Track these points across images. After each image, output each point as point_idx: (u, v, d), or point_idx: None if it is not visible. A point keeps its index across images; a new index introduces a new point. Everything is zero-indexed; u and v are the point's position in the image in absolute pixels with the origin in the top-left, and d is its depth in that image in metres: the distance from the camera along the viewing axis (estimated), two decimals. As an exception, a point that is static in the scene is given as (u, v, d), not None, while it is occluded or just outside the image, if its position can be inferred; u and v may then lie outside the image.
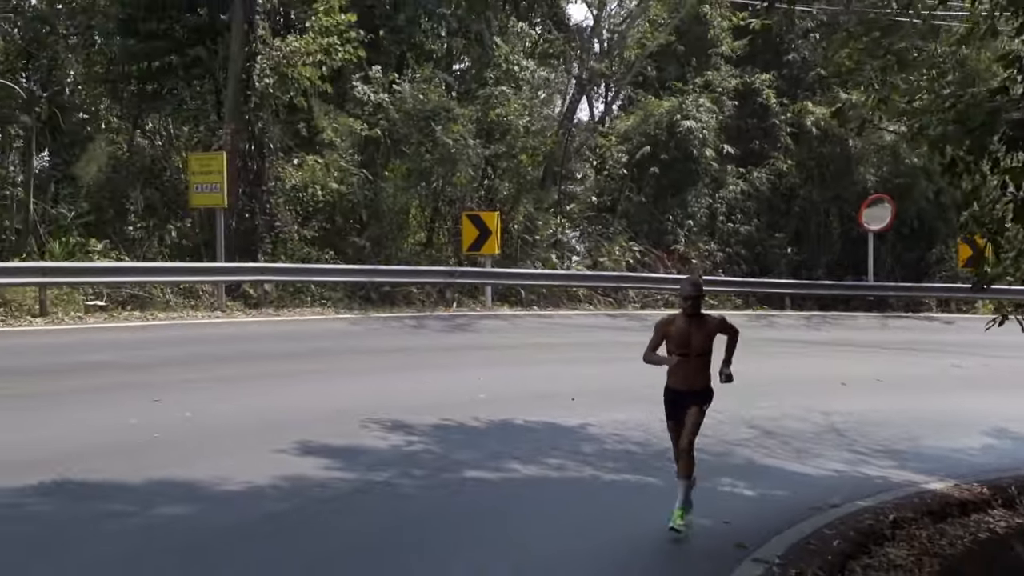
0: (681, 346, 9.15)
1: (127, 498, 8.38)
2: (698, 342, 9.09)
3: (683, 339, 9.12)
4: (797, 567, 8.28)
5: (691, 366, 9.12)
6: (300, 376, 14.85)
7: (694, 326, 9.13)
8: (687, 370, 9.15)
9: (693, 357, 9.09)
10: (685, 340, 9.11)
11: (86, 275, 21.20)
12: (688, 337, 9.10)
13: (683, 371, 9.18)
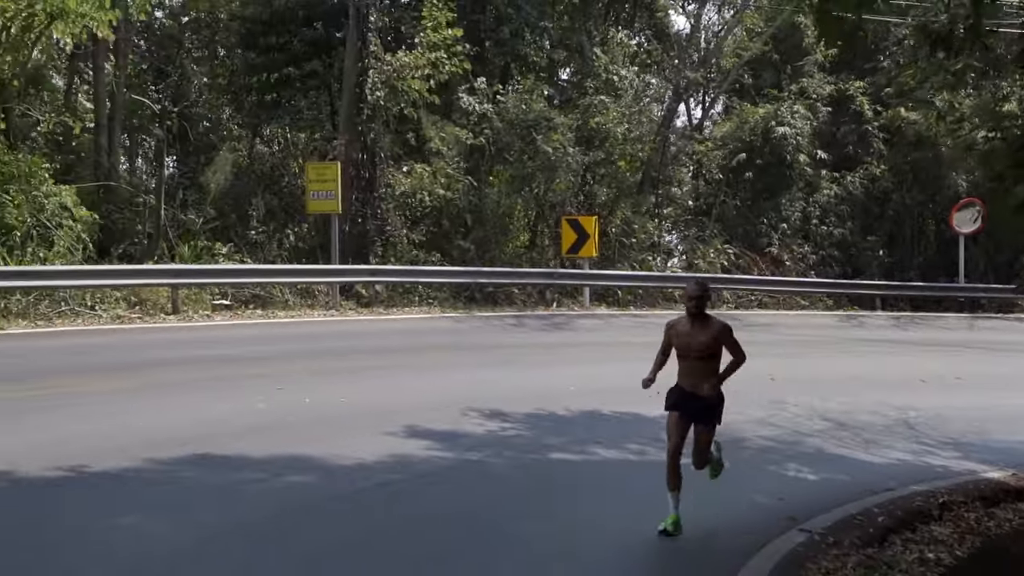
0: (683, 347, 9.17)
1: (259, 468, 9.70)
2: (699, 343, 9.08)
3: (685, 341, 9.17)
4: (837, 536, 9.11)
5: (694, 367, 9.13)
6: (407, 369, 16.11)
7: (697, 327, 9.14)
8: (690, 371, 9.16)
9: (693, 359, 9.10)
10: (687, 341, 9.15)
11: (213, 276, 22.88)
12: (689, 339, 9.13)
13: (688, 373, 9.20)
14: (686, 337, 9.12)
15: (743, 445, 12.34)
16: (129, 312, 20.92)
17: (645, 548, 8.60)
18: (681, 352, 9.14)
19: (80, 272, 21.00)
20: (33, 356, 15.96)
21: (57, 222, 22.76)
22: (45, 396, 12.42)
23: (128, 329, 19.36)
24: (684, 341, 9.12)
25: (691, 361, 9.08)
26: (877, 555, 8.95)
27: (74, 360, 15.52)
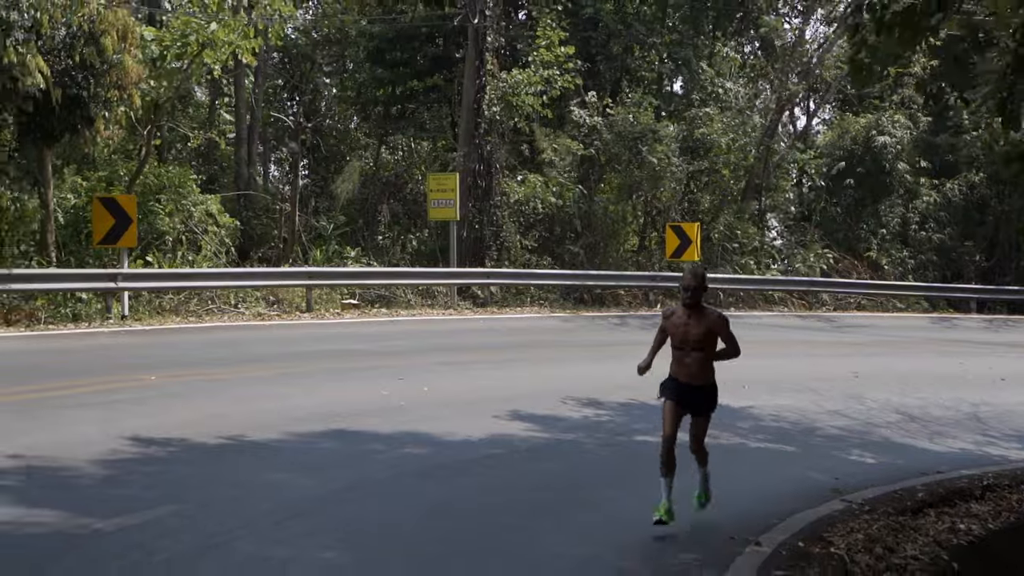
0: (678, 336, 9.09)
1: (382, 441, 11.38)
2: (694, 335, 9.01)
3: (680, 331, 9.08)
4: (873, 506, 10.21)
5: (689, 359, 9.08)
6: (515, 363, 17.66)
7: (692, 318, 9.03)
8: (685, 362, 9.10)
9: (690, 350, 9.05)
10: (682, 332, 9.06)
11: (342, 278, 24.84)
12: (685, 329, 9.05)
13: (682, 363, 9.14)
14: (682, 327, 9.06)
15: (815, 434, 13.56)
16: (268, 310, 23.00)
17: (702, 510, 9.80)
18: (676, 342, 9.10)
19: (225, 274, 23.16)
20: (187, 348, 17.98)
21: (203, 228, 24.98)
22: (203, 380, 14.35)
23: (267, 325, 21.40)
24: (680, 331, 9.07)
25: (686, 351, 9.05)
26: (907, 521, 9.74)
27: (222, 352, 17.47)
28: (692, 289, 8.98)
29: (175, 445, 10.43)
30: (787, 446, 12.93)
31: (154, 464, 9.71)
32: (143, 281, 21.20)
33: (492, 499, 9.57)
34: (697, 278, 9.09)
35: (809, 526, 9.29)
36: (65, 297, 20.57)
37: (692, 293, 8.97)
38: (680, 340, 9.02)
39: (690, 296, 8.96)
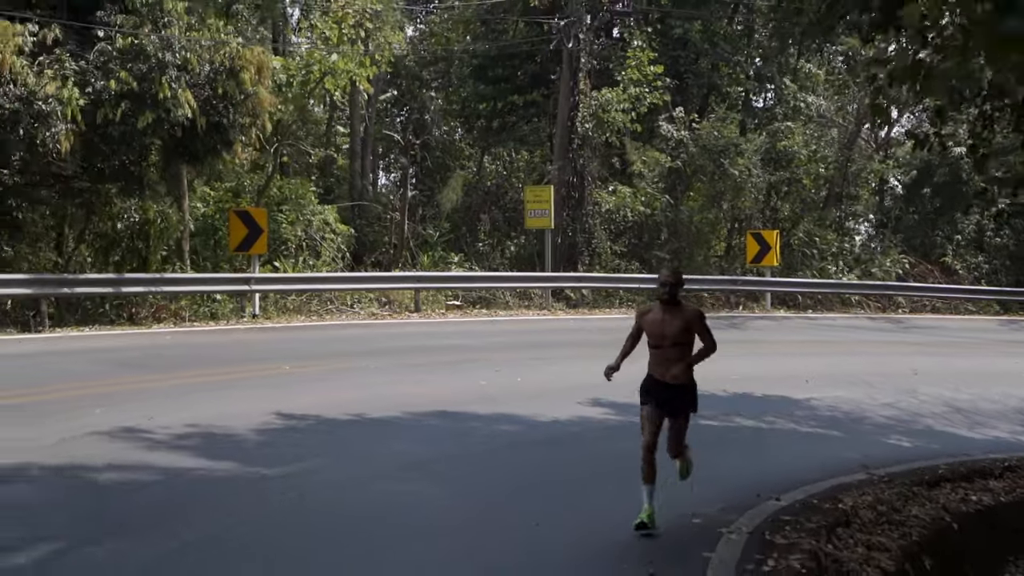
0: (655, 335, 9.04)
1: (480, 421, 13.41)
2: (672, 331, 8.95)
3: (657, 328, 9.02)
4: (892, 478, 11.48)
5: (666, 356, 9.05)
6: (601, 358, 19.48)
7: (669, 315, 8.98)
8: (662, 359, 9.07)
9: (667, 347, 9.00)
10: (659, 328, 9.00)
11: (447, 282, 27.06)
12: (662, 326, 8.99)
13: (660, 361, 9.11)
14: (659, 325, 9.01)
15: (863, 422, 15.13)
16: (380, 310, 25.35)
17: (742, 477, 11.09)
18: (653, 340, 9.08)
19: (342, 278, 25.56)
20: (311, 343, 20.31)
21: (322, 235, 27.44)
22: (328, 371, 16.64)
23: (380, 324, 23.70)
24: (657, 329, 9.02)
25: (664, 349, 9.03)
26: (921, 491, 10.86)
27: (341, 346, 19.74)
28: (670, 285, 8.98)
29: (311, 419, 12.64)
30: (834, 431, 14.23)
31: (296, 433, 11.93)
32: (272, 284, 23.68)
33: (570, 465, 11.55)
34: (675, 275, 9.11)
35: (828, 489, 10.59)
36: (203, 298, 23.12)
37: (670, 290, 8.96)
38: (658, 337, 9.04)
39: (667, 292, 8.97)
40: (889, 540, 9.23)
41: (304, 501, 9.21)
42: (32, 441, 10.62)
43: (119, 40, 19.19)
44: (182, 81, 19.17)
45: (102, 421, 11.62)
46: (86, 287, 20.57)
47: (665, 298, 8.99)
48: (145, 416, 11.88)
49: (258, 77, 20.35)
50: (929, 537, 9.67)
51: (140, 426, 11.45)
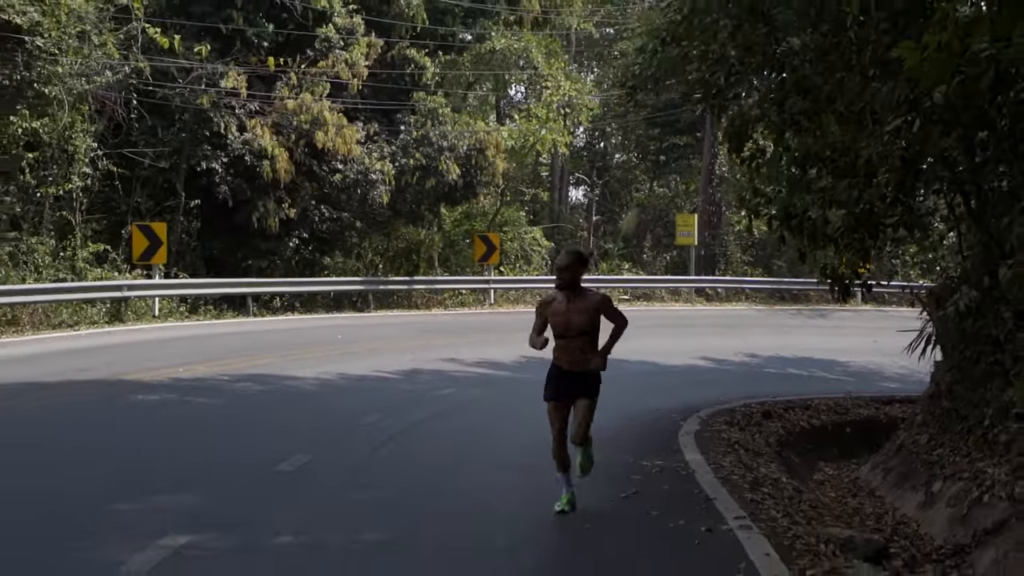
0: (561, 325, 8.41)
1: (631, 366, 23.51)
2: (577, 320, 8.34)
3: (561, 319, 8.39)
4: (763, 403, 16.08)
5: (573, 346, 8.43)
6: (718, 335, 29.15)
7: (571, 302, 8.34)
8: (570, 349, 8.45)
9: (574, 336, 8.38)
10: (563, 320, 8.38)
11: (620, 283, 37.33)
12: (566, 316, 8.37)
13: (565, 352, 8.50)
14: (563, 315, 8.39)
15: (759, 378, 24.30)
16: (573, 302, 35.82)
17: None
18: (559, 331, 8.45)
19: (544, 279, 36.12)
20: (507, 324, 30.84)
21: (531, 249, 38.13)
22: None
23: (571, 311, 34.06)
24: (561, 319, 8.40)
25: (570, 339, 8.40)
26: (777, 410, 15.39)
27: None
28: (563, 269, 8.40)
29: (512, 366, 23.01)
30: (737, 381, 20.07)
31: (535, 362, 22.33)
32: (502, 284, 34.48)
33: (625, 395, 16.42)
34: (571, 256, 8.46)
35: (724, 410, 15.05)
36: (455, 293, 34.02)
37: (570, 274, 8.37)
38: (563, 328, 8.43)
39: (568, 278, 8.37)
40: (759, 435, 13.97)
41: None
42: (398, 365, 19.90)
43: (413, 133, 30.37)
44: (451, 157, 30.18)
45: (425, 357, 21.23)
46: (392, 285, 31.79)
47: (565, 285, 8.39)
48: (450, 355, 21.28)
49: (495, 151, 31.17)
50: (777, 436, 14.12)
51: (450, 357, 21.57)
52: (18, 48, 20.48)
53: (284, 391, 15.59)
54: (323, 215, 29.80)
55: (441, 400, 15.42)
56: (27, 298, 21.62)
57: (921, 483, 10.80)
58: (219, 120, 26.81)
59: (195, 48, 25.94)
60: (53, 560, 7.28)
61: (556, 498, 8.93)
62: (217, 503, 8.84)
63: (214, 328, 24.43)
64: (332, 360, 18.82)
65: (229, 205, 27.35)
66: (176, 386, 15.46)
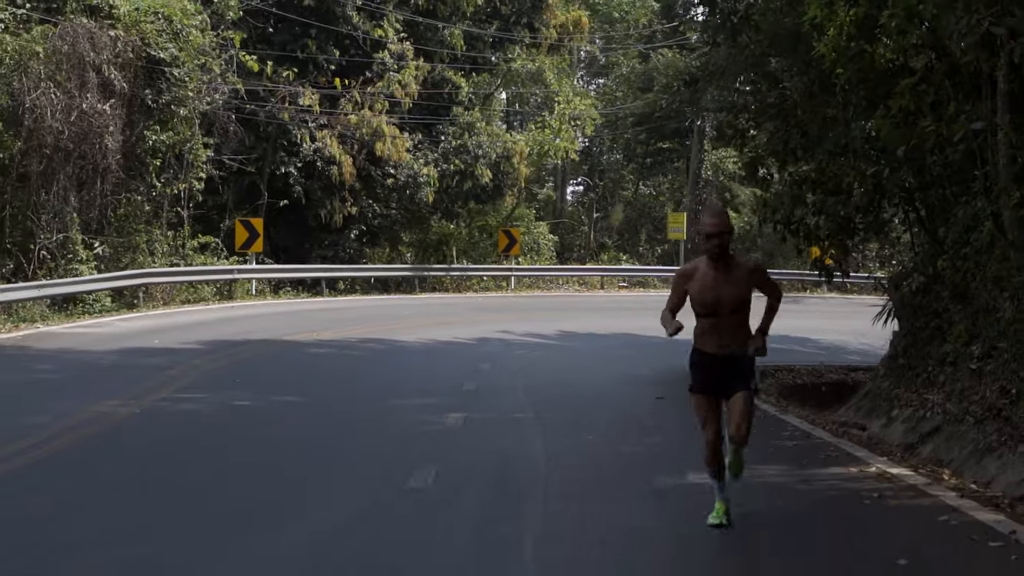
0: (709, 301, 6.83)
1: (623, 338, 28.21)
2: (729, 294, 6.78)
3: (710, 294, 6.82)
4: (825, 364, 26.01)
5: (723, 324, 6.88)
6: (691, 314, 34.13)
7: (722, 273, 6.78)
8: (719, 329, 6.91)
9: (726, 314, 6.85)
10: (713, 294, 6.81)
11: (616, 272, 42.02)
12: (715, 288, 6.79)
13: (714, 331, 6.94)
14: (711, 288, 6.83)
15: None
16: (579, 288, 40.57)
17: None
18: (706, 308, 6.90)
19: (552, 268, 40.83)
20: (545, 302, 35.33)
21: (539, 242, 42.77)
22: (558, 316, 31.42)
23: (580, 295, 38.79)
24: (710, 294, 6.84)
25: (721, 317, 6.85)
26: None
27: (562, 302, 34.68)
28: (718, 235, 6.78)
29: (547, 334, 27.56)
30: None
31: (538, 338, 26.88)
32: (522, 272, 39.10)
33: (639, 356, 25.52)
34: (722, 217, 6.96)
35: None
36: (480, 279, 38.56)
37: (718, 240, 6.79)
38: (712, 305, 6.85)
39: (716, 245, 6.80)
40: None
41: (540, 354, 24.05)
42: (469, 333, 24.06)
43: (453, 141, 34.94)
44: (484, 163, 34.78)
45: (485, 328, 25.55)
46: (434, 271, 36.33)
47: (715, 254, 6.82)
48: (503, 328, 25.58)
49: (520, 159, 35.78)
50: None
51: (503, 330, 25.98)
52: (161, 76, 24.79)
53: (404, 349, 19.98)
54: (375, 212, 34.29)
55: (521, 356, 19.73)
56: (169, 279, 26.33)
57: (884, 412, 15.25)
58: (296, 131, 31.24)
59: (283, 72, 30.38)
60: (394, 411, 12.38)
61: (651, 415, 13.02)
62: (455, 401, 13.20)
63: (303, 305, 28.90)
64: (419, 329, 23.11)
65: (303, 203, 31.80)
66: (328, 344, 19.88)
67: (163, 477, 8.79)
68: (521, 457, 9.70)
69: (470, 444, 10.44)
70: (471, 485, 8.52)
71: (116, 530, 7.14)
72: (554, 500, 7.98)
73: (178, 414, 11.94)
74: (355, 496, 8.19)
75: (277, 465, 9.28)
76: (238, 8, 28.48)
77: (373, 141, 31.86)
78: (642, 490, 8.62)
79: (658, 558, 6.85)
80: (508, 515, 7.54)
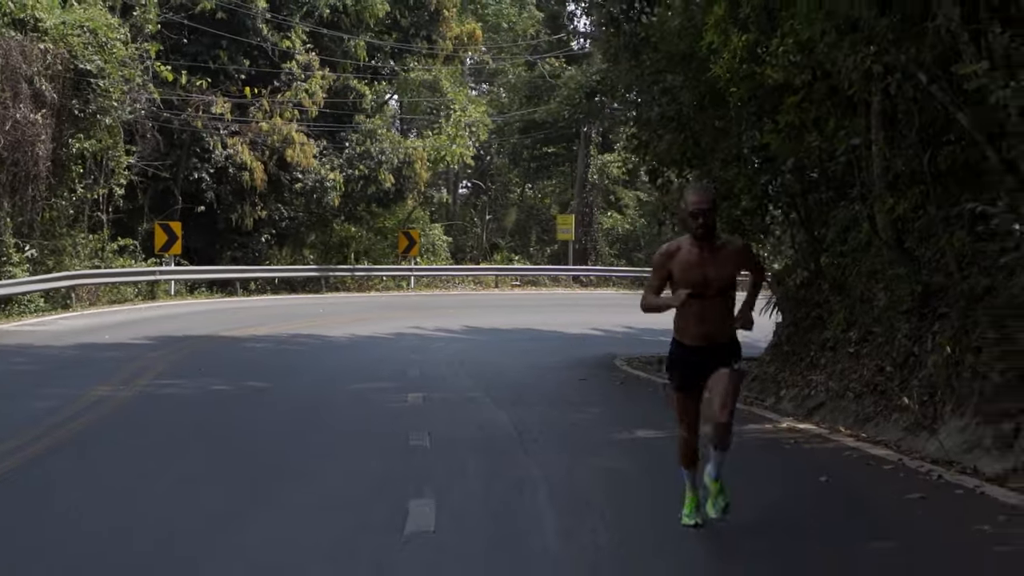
0: (692, 283, 6.21)
1: (518, 332, 30.07)
2: (716, 275, 6.26)
3: (694, 273, 6.24)
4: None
5: (709, 310, 6.29)
6: (592, 312, 36.15)
7: (708, 253, 6.25)
8: (704, 316, 6.31)
9: (710, 297, 6.23)
10: (698, 274, 6.23)
11: (510, 271, 43.91)
12: (701, 269, 6.24)
13: (698, 318, 6.33)
14: (697, 268, 6.26)
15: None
16: (475, 287, 42.28)
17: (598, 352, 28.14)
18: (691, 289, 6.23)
19: (450, 268, 42.48)
20: (441, 300, 36.99)
21: (435, 243, 44.37)
22: (459, 312, 33.21)
23: (476, 293, 40.44)
24: (695, 274, 6.25)
25: (707, 300, 6.26)
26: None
27: (460, 301, 36.20)
28: (704, 213, 6.25)
29: (438, 330, 29.23)
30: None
31: (424, 333, 28.52)
32: (421, 271, 40.63)
33: (550, 347, 27.80)
34: (708, 194, 6.47)
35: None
36: (380, 278, 39.97)
37: (706, 218, 6.26)
38: (700, 286, 6.25)
39: (702, 224, 6.25)
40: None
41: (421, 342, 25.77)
42: (386, 329, 26.14)
43: (357, 148, 36.35)
44: (387, 168, 36.27)
45: (399, 324, 27.45)
46: (339, 272, 37.62)
47: (701, 233, 6.26)
48: (414, 324, 27.72)
49: (420, 164, 37.38)
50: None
51: (415, 325, 27.74)
52: (88, 86, 25.73)
53: (334, 343, 21.32)
54: (283, 215, 35.53)
55: (441, 348, 21.26)
56: (98, 280, 27.23)
57: (772, 392, 17.02)
58: (208, 139, 32.33)
59: (196, 82, 31.44)
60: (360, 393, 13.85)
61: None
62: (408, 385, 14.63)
63: (222, 304, 30.07)
64: (340, 326, 24.49)
65: (215, 207, 32.89)
66: (265, 339, 21.20)
67: (197, 443, 10.22)
68: (492, 424, 11.38)
69: (443, 416, 12.05)
70: (462, 443, 10.14)
71: (179, 474, 8.67)
72: (536, 453, 9.63)
73: (172, 396, 13.29)
74: (372, 451, 9.78)
75: (299, 432, 10.82)
76: (156, 21, 29.46)
77: (283, 147, 33.13)
78: (604, 442, 10.46)
79: (633, 487, 8.65)
80: (505, 463, 9.21)
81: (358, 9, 35.46)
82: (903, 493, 7.73)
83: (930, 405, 10.43)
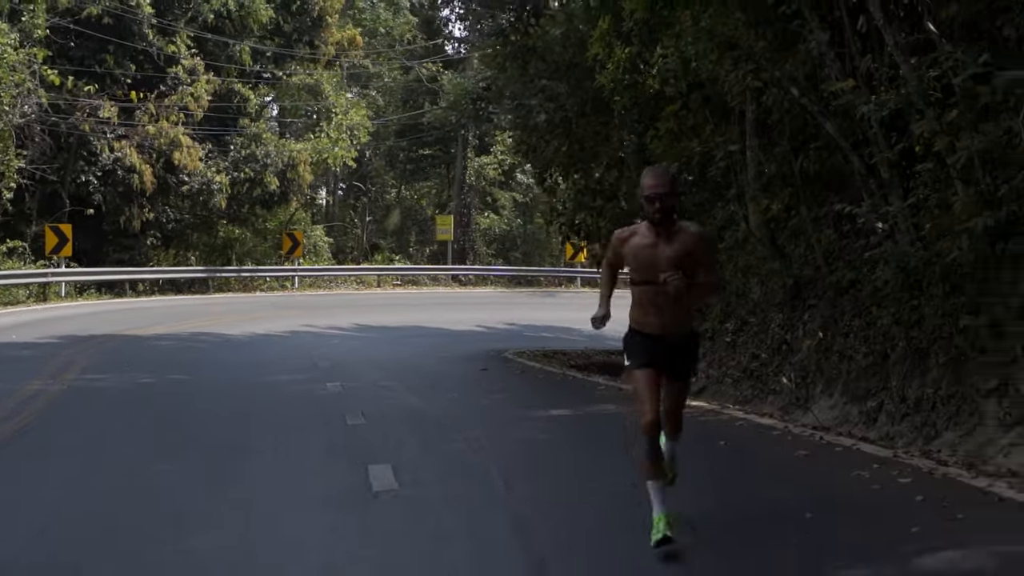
0: (646, 269, 5.92)
1: (415, 330, 30.94)
2: (666, 259, 5.86)
3: (645, 256, 5.93)
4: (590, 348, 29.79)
5: (663, 298, 5.87)
6: (476, 310, 37.18)
7: (663, 239, 5.89)
8: (659, 305, 5.94)
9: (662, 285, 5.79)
10: (648, 257, 5.92)
11: (393, 271, 44.70)
12: (653, 252, 5.91)
13: (653, 307, 5.97)
14: (648, 250, 5.94)
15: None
16: (358, 287, 42.88)
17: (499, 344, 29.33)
18: (640, 275, 5.99)
19: (333, 268, 43.07)
20: (329, 300, 37.60)
21: (317, 244, 44.87)
22: (349, 311, 33.96)
23: (359, 293, 41.09)
24: (645, 256, 5.95)
25: (656, 286, 5.84)
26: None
27: (343, 300, 37.01)
28: (661, 197, 5.84)
29: (328, 328, 30.04)
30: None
31: (310, 333, 29.29)
32: (305, 271, 41.15)
33: (442, 343, 28.75)
34: (666, 176, 6.06)
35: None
36: (266, 279, 40.31)
37: (662, 203, 5.84)
38: (646, 270, 5.94)
39: (659, 208, 5.84)
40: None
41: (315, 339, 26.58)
42: (282, 327, 26.84)
43: (242, 151, 36.70)
44: (272, 171, 36.73)
45: (292, 323, 28.21)
46: (226, 273, 37.89)
47: (656, 218, 5.90)
48: (306, 322, 28.43)
49: (304, 167, 37.93)
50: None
51: (307, 323, 28.27)
52: (-26, 92, 25.79)
53: (234, 340, 21.90)
54: (170, 217, 35.71)
55: (339, 344, 21.99)
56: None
57: None
58: (96, 142, 32.39)
59: (83, 86, 31.46)
60: (279, 384, 14.49)
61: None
62: (322, 375, 15.46)
63: (115, 305, 30.26)
64: (235, 324, 24.98)
65: (102, 210, 32.92)
66: (168, 337, 21.71)
67: (146, 430, 10.92)
68: (415, 407, 12.36)
69: (366, 401, 12.94)
70: (395, 421, 11.12)
71: (138, 458, 9.36)
72: (466, 430, 10.62)
73: (104, 389, 13.89)
74: (316, 429, 10.71)
75: (241, 415, 11.63)
76: (44, 26, 29.47)
77: (171, 150, 33.36)
78: (521, 419, 11.57)
79: (555, 452, 9.78)
80: (440, 436, 10.25)
81: (242, 15, 35.90)
82: (792, 452, 9.04)
83: (803, 386, 11.77)
